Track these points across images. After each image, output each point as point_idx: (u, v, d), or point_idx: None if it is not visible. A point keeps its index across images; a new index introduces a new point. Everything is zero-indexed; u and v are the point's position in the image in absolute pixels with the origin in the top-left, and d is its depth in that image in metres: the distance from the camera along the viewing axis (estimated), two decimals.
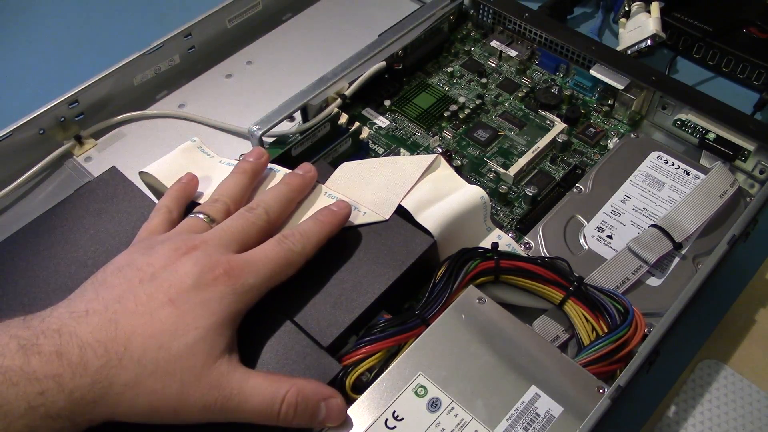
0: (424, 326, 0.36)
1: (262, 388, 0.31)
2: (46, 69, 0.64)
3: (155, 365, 0.29)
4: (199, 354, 0.30)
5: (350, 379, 0.34)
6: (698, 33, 0.59)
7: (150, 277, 0.32)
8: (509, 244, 0.42)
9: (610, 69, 0.51)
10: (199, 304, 0.31)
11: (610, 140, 0.51)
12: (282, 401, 0.30)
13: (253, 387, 0.31)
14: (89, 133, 0.53)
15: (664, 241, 0.41)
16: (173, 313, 0.30)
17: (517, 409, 0.33)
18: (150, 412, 0.29)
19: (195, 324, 0.31)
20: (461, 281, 0.38)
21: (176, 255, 0.33)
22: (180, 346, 0.30)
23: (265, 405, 0.30)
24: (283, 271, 0.35)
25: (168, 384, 0.29)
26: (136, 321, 0.30)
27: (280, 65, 0.59)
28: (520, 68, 0.56)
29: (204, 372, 0.30)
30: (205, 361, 0.30)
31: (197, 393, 0.30)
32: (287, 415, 0.31)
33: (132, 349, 0.29)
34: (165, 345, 0.30)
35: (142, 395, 0.29)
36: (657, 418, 0.40)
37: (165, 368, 0.29)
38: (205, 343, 0.30)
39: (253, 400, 0.30)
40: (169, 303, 0.31)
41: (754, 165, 0.48)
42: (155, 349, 0.29)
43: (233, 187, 0.39)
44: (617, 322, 0.36)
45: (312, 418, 0.31)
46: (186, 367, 0.30)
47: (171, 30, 0.56)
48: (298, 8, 0.64)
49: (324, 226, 0.37)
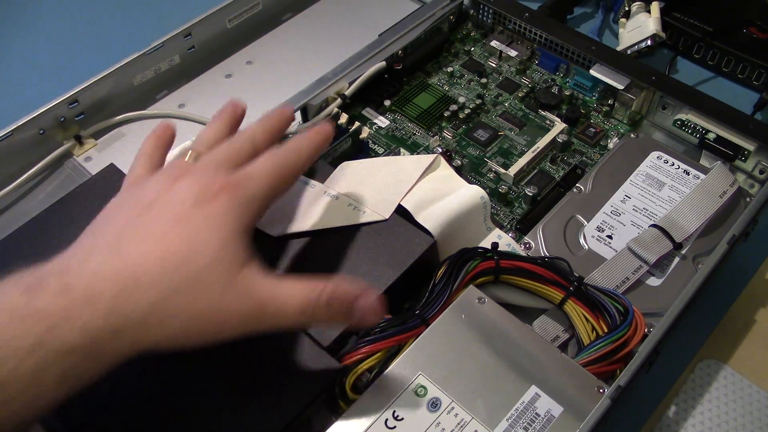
0: (424, 326, 0.36)
1: (297, 291, 0.30)
2: (46, 69, 0.64)
3: (176, 284, 0.28)
4: (222, 265, 0.29)
5: (350, 379, 0.34)
6: (698, 33, 0.59)
7: (147, 207, 0.30)
8: (509, 244, 0.42)
9: (610, 69, 0.51)
10: (207, 219, 0.30)
11: (610, 140, 0.51)
12: (318, 301, 0.30)
13: (287, 291, 0.30)
14: (89, 133, 0.53)
15: (664, 241, 0.41)
16: (182, 234, 0.29)
17: (517, 409, 0.33)
18: (185, 334, 0.28)
19: (208, 238, 0.29)
20: (461, 281, 0.38)
21: (169, 182, 0.31)
22: (199, 262, 0.28)
23: (302, 307, 0.29)
24: (281, 184, 0.34)
25: (196, 300, 0.28)
26: (144, 248, 0.28)
27: (280, 65, 0.59)
28: (520, 68, 0.56)
29: (232, 282, 0.29)
30: (229, 272, 0.29)
31: (231, 304, 0.29)
32: (324, 315, 0.30)
33: (147, 274, 0.28)
34: (182, 264, 0.28)
35: (171, 317, 0.28)
36: (657, 418, 0.40)
37: (188, 286, 0.28)
38: (225, 254, 0.29)
39: (290, 303, 0.29)
40: (175, 224, 0.29)
41: (754, 165, 0.48)
42: (172, 270, 0.28)
43: (210, 133, 0.37)
44: (617, 322, 0.36)
45: (348, 316, 0.31)
46: (211, 281, 0.28)
47: (171, 30, 0.56)
48: (298, 8, 0.64)
49: (312, 140, 0.36)
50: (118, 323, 0.27)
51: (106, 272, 0.27)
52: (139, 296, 0.27)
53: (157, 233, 0.29)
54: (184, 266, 0.28)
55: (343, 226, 0.39)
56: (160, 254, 0.28)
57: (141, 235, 0.29)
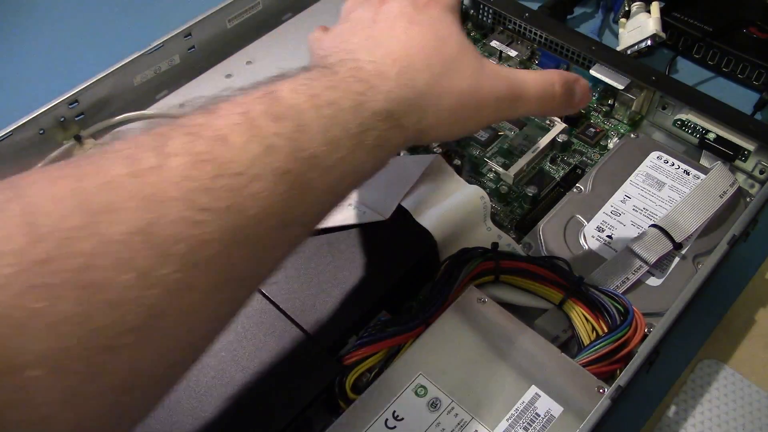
0: (424, 326, 0.36)
1: (535, 75, 0.34)
2: (46, 69, 0.64)
3: (442, 67, 0.31)
4: (470, 52, 0.32)
5: (350, 379, 0.34)
6: (698, 33, 0.59)
7: (374, 21, 0.33)
8: (509, 244, 0.42)
9: (610, 69, 0.51)
10: (436, 19, 0.33)
11: (610, 140, 0.51)
12: (552, 86, 0.34)
13: (527, 75, 0.33)
14: (89, 133, 0.53)
15: (664, 241, 0.41)
16: (423, 30, 0.32)
17: (517, 409, 0.33)
18: (453, 116, 0.31)
19: (447, 31, 0.32)
20: (461, 281, 0.38)
21: (376, 7, 0.34)
22: (453, 46, 0.32)
23: (543, 88, 0.33)
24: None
25: (461, 80, 0.31)
26: (400, 43, 0.31)
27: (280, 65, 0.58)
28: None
29: (483, 66, 0.32)
30: (477, 58, 0.32)
31: (488, 85, 0.32)
32: (557, 98, 0.34)
33: (416, 59, 0.30)
34: (438, 51, 0.31)
35: (444, 94, 0.30)
36: (657, 418, 0.40)
37: (451, 68, 0.31)
38: (467, 44, 0.32)
39: (532, 88, 0.33)
40: (411, 25, 0.32)
41: (754, 165, 0.48)
42: (433, 56, 0.31)
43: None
44: (617, 322, 0.36)
45: (572, 97, 0.35)
46: (465, 65, 0.31)
47: (171, 30, 0.56)
48: (298, 8, 0.64)
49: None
50: (408, 95, 0.30)
51: (380, 56, 0.30)
52: (415, 76, 0.30)
53: (401, 33, 0.32)
54: (440, 53, 0.31)
55: (343, 225, 0.39)
56: (418, 45, 0.31)
57: (389, 36, 0.32)
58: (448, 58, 0.31)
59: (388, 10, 0.33)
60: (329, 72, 0.29)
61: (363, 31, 0.33)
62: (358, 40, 0.32)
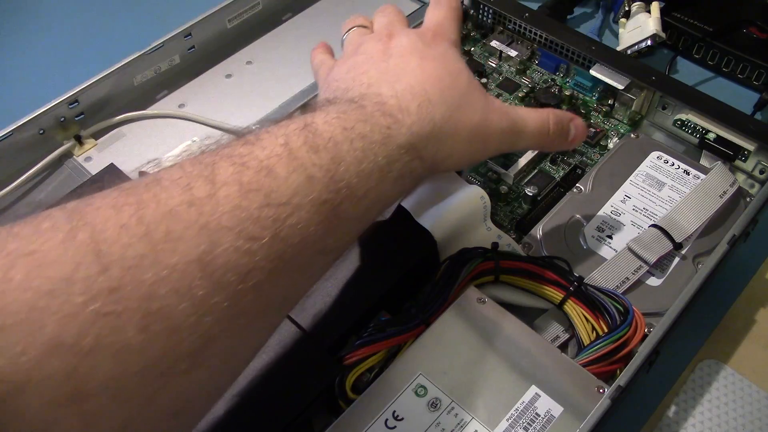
0: (424, 326, 0.36)
1: (532, 113, 0.36)
2: (46, 69, 0.64)
3: (457, 101, 0.32)
4: (478, 87, 0.34)
5: (350, 379, 0.34)
6: (698, 33, 0.59)
7: (386, 55, 0.34)
8: (509, 244, 0.42)
9: (610, 69, 0.51)
10: (445, 54, 0.34)
11: (610, 140, 0.51)
12: (549, 122, 0.36)
13: (525, 112, 0.35)
14: (89, 133, 0.53)
15: (664, 241, 0.41)
16: (433, 64, 0.33)
17: (517, 409, 0.33)
18: (465, 148, 0.33)
19: (457, 67, 0.34)
20: (461, 281, 0.38)
21: (385, 41, 0.35)
22: (463, 81, 0.33)
23: (539, 126, 0.35)
24: (459, 23, 0.38)
25: (472, 113, 0.32)
26: (415, 78, 0.32)
27: (280, 65, 0.59)
28: (520, 68, 0.56)
29: (489, 102, 0.34)
30: (484, 93, 0.34)
31: (494, 119, 0.33)
32: (553, 135, 0.36)
33: (433, 93, 0.32)
34: (452, 84, 0.32)
35: (458, 129, 0.32)
36: (657, 418, 0.40)
37: (464, 102, 0.32)
38: (475, 80, 0.34)
39: (530, 123, 0.35)
40: (423, 59, 0.33)
41: (754, 165, 0.48)
42: (449, 88, 0.32)
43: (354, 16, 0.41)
44: (617, 322, 0.36)
45: (566, 135, 0.37)
46: (475, 100, 0.33)
47: (171, 30, 0.56)
48: (298, 8, 0.64)
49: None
50: (427, 129, 0.31)
51: (400, 91, 0.31)
52: (434, 109, 0.31)
53: (416, 67, 0.33)
54: (454, 88, 0.33)
55: None
56: (432, 80, 0.32)
57: (405, 70, 0.33)
58: (461, 92, 0.33)
59: (400, 44, 0.34)
60: (357, 106, 0.30)
61: (379, 64, 0.33)
62: (375, 74, 0.33)
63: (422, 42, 0.34)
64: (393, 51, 0.34)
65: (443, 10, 0.38)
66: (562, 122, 0.37)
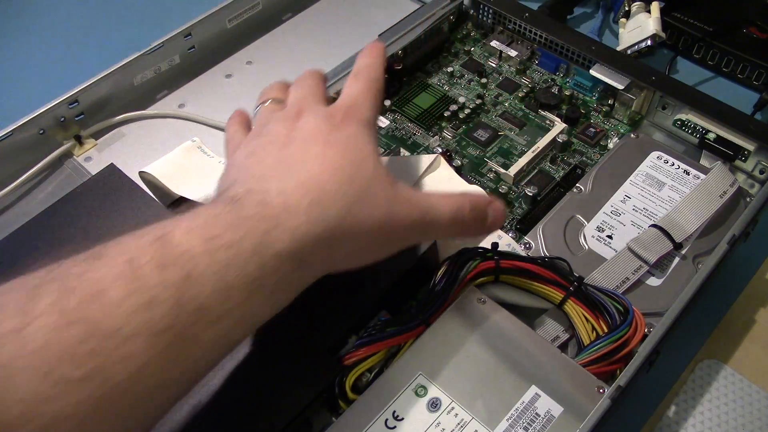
0: (424, 326, 0.36)
1: (445, 200, 0.32)
2: (46, 69, 0.64)
3: (356, 195, 0.29)
4: (384, 176, 0.30)
5: (350, 379, 0.34)
6: (698, 33, 0.59)
7: (288, 141, 0.31)
8: (509, 244, 0.42)
9: (610, 69, 0.51)
10: (349, 139, 0.31)
11: (610, 140, 0.51)
12: (464, 209, 0.32)
13: (439, 202, 0.32)
14: (89, 133, 0.53)
15: (664, 241, 0.41)
16: (337, 152, 0.30)
17: (517, 409, 0.33)
18: (367, 246, 0.30)
19: (362, 153, 0.30)
20: (461, 281, 0.38)
21: (291, 121, 0.32)
22: (368, 171, 0.30)
23: (453, 214, 0.32)
24: (378, 98, 0.35)
25: (374, 208, 0.29)
26: (312, 168, 0.29)
27: (280, 65, 0.59)
28: (520, 68, 0.56)
29: (397, 192, 0.30)
30: (391, 184, 0.30)
31: (401, 212, 0.30)
32: (468, 223, 0.33)
33: (329, 186, 0.28)
34: (354, 175, 0.29)
35: (357, 226, 0.29)
36: (657, 418, 0.40)
37: (364, 196, 0.29)
38: (381, 168, 0.30)
39: (444, 211, 0.31)
40: (326, 147, 0.30)
41: (754, 165, 0.48)
42: (347, 183, 0.29)
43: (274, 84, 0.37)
44: (617, 322, 0.36)
45: (483, 222, 0.34)
46: (379, 191, 0.29)
47: (171, 30, 0.56)
48: (298, 8, 0.64)
49: (375, 53, 0.36)
50: (318, 230, 0.27)
51: (291, 188, 0.28)
52: (328, 206, 0.28)
53: (314, 156, 0.29)
54: (354, 179, 0.29)
55: None
56: (330, 170, 0.29)
57: (302, 161, 0.29)
58: (362, 185, 0.29)
59: (303, 127, 0.31)
60: (235, 207, 0.27)
61: (278, 151, 0.30)
62: (271, 163, 0.30)
63: (329, 124, 0.31)
64: (296, 135, 0.31)
65: (360, 84, 0.34)
66: (478, 207, 0.33)
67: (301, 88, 0.35)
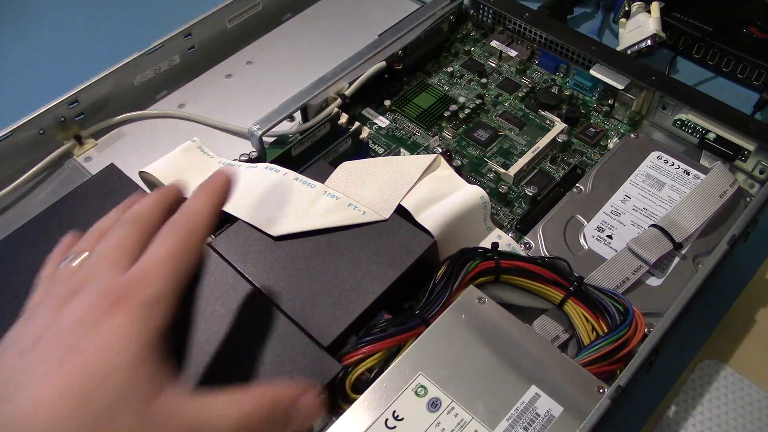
0: (424, 326, 0.36)
1: (230, 405, 0.27)
2: (46, 69, 0.64)
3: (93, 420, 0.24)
4: (136, 395, 0.25)
5: (350, 379, 0.34)
6: (698, 33, 0.59)
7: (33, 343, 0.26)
8: (509, 244, 0.42)
9: (610, 69, 0.51)
10: (107, 339, 0.25)
11: (610, 140, 0.51)
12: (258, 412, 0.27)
13: (219, 408, 0.26)
14: (89, 133, 0.53)
15: (664, 241, 0.41)
16: (78, 365, 0.25)
17: (517, 409, 0.33)
18: None
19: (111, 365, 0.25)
20: (461, 281, 0.38)
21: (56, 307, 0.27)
22: (103, 398, 0.24)
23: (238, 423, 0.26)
24: (186, 268, 0.28)
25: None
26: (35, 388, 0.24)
27: (280, 65, 0.59)
28: (520, 68, 0.56)
29: (151, 412, 0.25)
30: (146, 400, 0.25)
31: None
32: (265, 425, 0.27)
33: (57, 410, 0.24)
34: (88, 399, 0.24)
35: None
36: (657, 418, 0.40)
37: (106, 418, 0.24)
38: (137, 381, 0.25)
39: (225, 423, 0.26)
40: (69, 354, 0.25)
41: (754, 165, 0.48)
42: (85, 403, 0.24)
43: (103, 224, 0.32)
44: (617, 322, 0.36)
45: (287, 424, 0.28)
46: (123, 417, 0.24)
47: (171, 30, 0.56)
48: (298, 8, 0.64)
49: (208, 199, 0.31)
50: None
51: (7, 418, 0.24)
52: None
53: (47, 371, 0.25)
54: (93, 400, 0.24)
55: (343, 226, 0.39)
56: (65, 390, 0.24)
57: (30, 378, 0.25)
58: (98, 412, 0.24)
59: (64, 318, 0.26)
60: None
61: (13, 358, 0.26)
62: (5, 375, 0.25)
63: (96, 312, 0.26)
64: (45, 335, 0.26)
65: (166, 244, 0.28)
66: (278, 407, 0.28)
67: (106, 243, 0.29)
